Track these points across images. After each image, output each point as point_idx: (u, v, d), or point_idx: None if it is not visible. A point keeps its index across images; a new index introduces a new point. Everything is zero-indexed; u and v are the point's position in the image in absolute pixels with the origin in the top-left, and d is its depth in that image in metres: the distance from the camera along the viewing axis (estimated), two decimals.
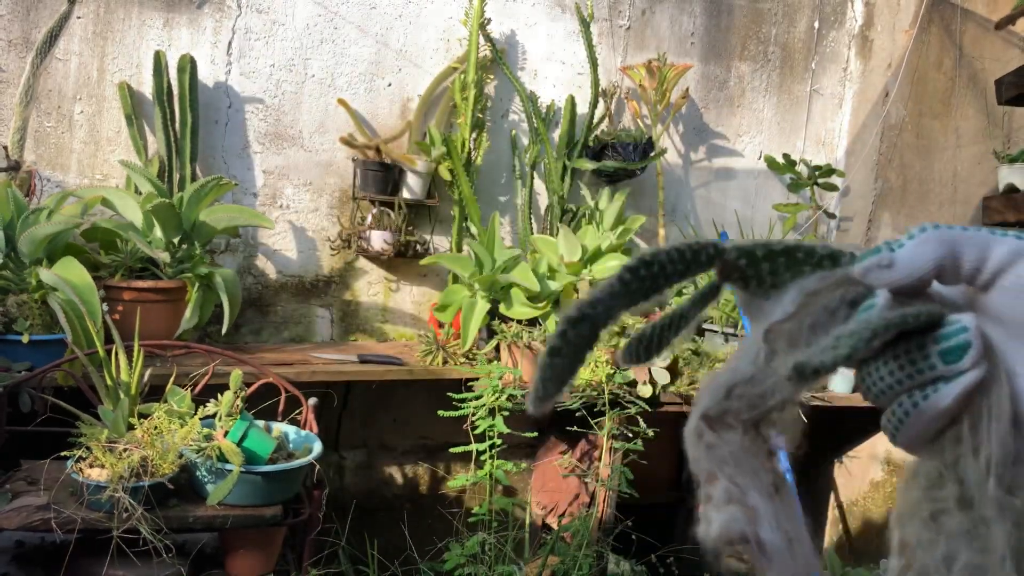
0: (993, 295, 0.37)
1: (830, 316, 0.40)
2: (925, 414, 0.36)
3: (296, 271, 2.75)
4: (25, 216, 2.09)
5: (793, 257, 0.43)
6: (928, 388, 0.36)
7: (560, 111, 2.94)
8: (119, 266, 2.25)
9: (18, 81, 2.42)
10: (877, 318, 0.37)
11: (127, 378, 1.78)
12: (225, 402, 1.80)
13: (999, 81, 1.92)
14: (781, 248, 0.43)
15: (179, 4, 2.57)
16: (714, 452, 0.40)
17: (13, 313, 1.98)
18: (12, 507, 1.62)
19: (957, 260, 0.37)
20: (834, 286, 0.41)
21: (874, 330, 0.36)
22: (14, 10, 2.42)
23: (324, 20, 2.71)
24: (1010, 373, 0.36)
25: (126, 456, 1.62)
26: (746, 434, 0.41)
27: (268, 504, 1.75)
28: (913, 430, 0.37)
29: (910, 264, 0.38)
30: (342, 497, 2.72)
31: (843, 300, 0.40)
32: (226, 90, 2.63)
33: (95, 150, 2.53)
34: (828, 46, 3.37)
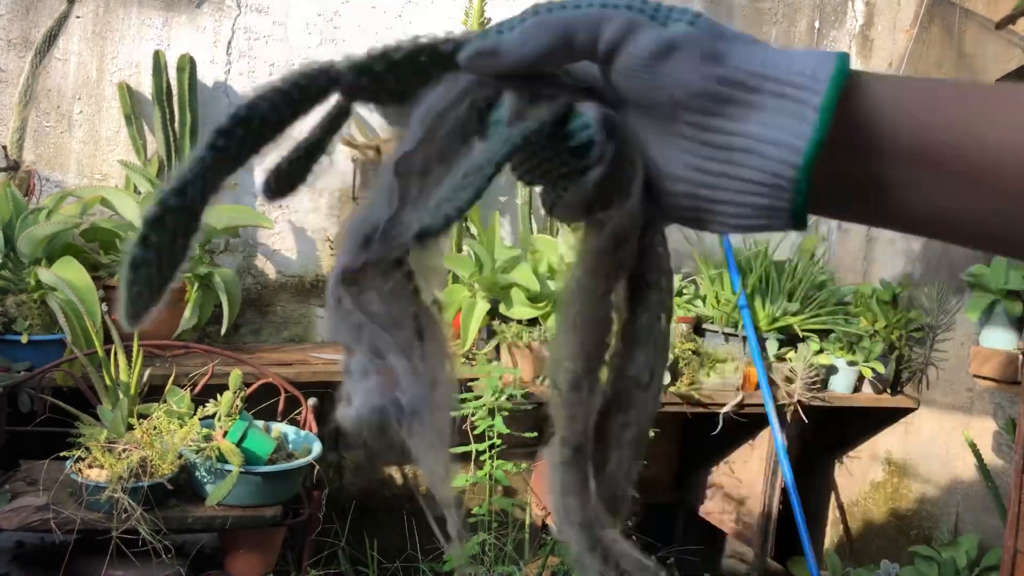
0: (613, 74, 0.36)
1: (460, 138, 0.38)
2: (568, 201, 0.38)
3: (296, 271, 2.75)
4: (24, 216, 2.09)
5: (417, 63, 0.39)
6: (567, 181, 0.38)
7: None
8: (118, 266, 2.24)
9: (17, 81, 2.42)
10: (498, 145, 0.35)
11: (126, 378, 1.77)
12: (224, 402, 1.79)
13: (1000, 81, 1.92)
14: (402, 55, 0.39)
15: (178, 4, 2.56)
16: (351, 318, 0.36)
17: (12, 313, 1.98)
18: (11, 507, 1.62)
19: (570, 41, 0.36)
20: (461, 95, 0.38)
21: (497, 163, 0.35)
22: (13, 9, 2.41)
23: (324, 20, 2.71)
24: (641, 145, 0.37)
25: (125, 456, 1.61)
26: (387, 279, 0.36)
27: (268, 504, 1.74)
28: (563, 212, 0.39)
29: (517, 50, 0.36)
30: (342, 497, 2.71)
31: (472, 110, 0.38)
32: (225, 90, 2.63)
33: (94, 150, 2.53)
34: (829, 46, 3.37)
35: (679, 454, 3.22)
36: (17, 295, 2.02)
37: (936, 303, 2.78)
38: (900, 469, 2.94)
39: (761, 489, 2.77)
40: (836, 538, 3.19)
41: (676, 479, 3.22)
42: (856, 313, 2.87)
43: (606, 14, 0.35)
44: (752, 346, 2.71)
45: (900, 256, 3.05)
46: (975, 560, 2.46)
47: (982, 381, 2.22)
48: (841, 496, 3.20)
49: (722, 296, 2.88)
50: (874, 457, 3.06)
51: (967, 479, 2.65)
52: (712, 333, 2.84)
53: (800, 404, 2.70)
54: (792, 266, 2.98)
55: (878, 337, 2.78)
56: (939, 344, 2.79)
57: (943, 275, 2.80)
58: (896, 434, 2.97)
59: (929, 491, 2.81)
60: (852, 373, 2.80)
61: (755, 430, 2.78)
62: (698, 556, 3.10)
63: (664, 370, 0.44)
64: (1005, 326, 2.27)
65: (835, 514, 3.21)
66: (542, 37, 0.36)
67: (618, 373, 0.41)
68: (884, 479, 3.00)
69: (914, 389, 2.88)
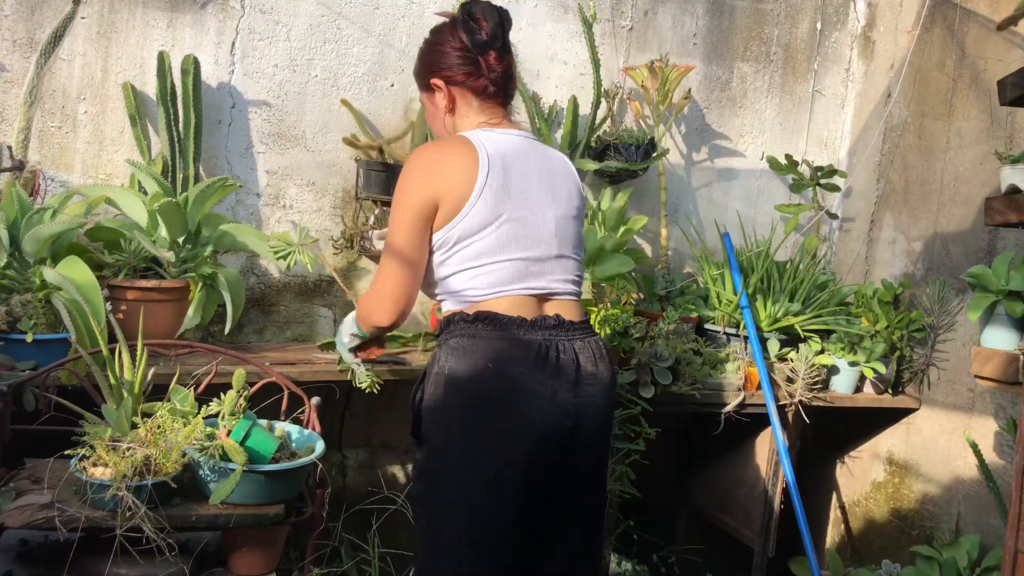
0: None
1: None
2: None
3: (299, 271, 2.76)
4: (29, 216, 2.10)
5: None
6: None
7: (562, 111, 2.94)
8: (123, 265, 2.25)
9: (23, 81, 2.43)
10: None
11: (131, 377, 1.78)
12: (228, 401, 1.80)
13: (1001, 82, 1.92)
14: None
15: (183, 4, 2.58)
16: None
17: (17, 312, 1.99)
18: (16, 505, 1.63)
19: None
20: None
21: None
22: (19, 10, 2.42)
23: (327, 20, 2.72)
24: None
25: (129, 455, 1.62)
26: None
27: (271, 503, 1.75)
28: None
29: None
30: (345, 496, 2.72)
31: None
32: (229, 90, 2.64)
33: (99, 150, 2.54)
34: (830, 47, 3.37)
35: (681, 454, 3.22)
36: (22, 294, 2.03)
37: (937, 303, 2.78)
38: (901, 469, 2.94)
39: (762, 489, 2.77)
40: (837, 538, 3.20)
41: (678, 479, 3.22)
42: (857, 313, 2.87)
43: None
44: (753, 346, 2.72)
45: (901, 256, 3.05)
46: (976, 560, 2.46)
47: (983, 381, 2.22)
48: (842, 496, 3.20)
49: (724, 296, 2.89)
50: (875, 457, 3.07)
51: (968, 479, 2.65)
52: (714, 333, 2.85)
53: (801, 404, 2.71)
54: (794, 266, 2.99)
55: (879, 337, 2.79)
56: (940, 344, 2.79)
57: (944, 275, 2.81)
58: (897, 434, 2.97)
59: (930, 491, 2.81)
60: (853, 373, 2.81)
61: (756, 430, 2.78)
62: (700, 556, 3.11)
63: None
64: (1006, 326, 2.27)
65: (836, 514, 3.21)
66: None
67: None
68: (885, 479, 3.01)
69: (915, 389, 2.88)
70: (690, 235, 3.18)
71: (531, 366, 1.55)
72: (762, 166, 3.30)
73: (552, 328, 1.61)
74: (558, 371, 1.57)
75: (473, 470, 1.54)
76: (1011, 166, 2.16)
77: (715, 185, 3.28)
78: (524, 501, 1.56)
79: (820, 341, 2.81)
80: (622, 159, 2.86)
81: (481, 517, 1.54)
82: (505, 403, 1.53)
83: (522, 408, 1.54)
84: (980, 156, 2.72)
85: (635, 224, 2.86)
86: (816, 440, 3.20)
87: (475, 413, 1.54)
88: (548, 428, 1.56)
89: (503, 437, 1.53)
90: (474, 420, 1.54)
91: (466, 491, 1.54)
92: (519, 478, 1.54)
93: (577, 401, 1.59)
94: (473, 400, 1.54)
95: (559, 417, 1.57)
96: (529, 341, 1.57)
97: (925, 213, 2.95)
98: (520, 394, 1.54)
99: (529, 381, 1.54)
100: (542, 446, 1.56)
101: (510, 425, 1.54)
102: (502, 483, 1.53)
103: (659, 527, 3.12)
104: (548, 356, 1.57)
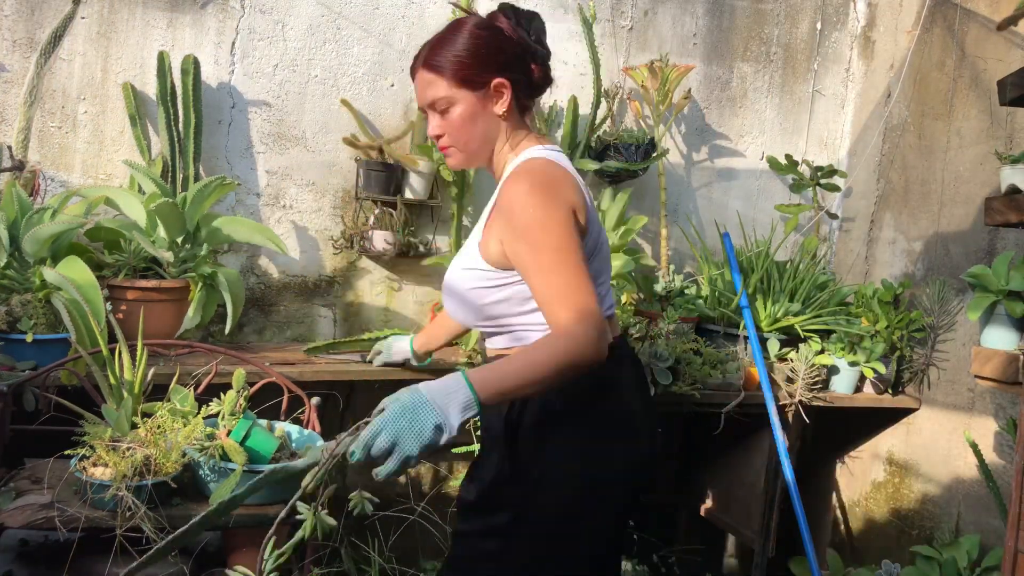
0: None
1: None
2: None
3: (299, 271, 2.76)
4: (29, 216, 2.10)
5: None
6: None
7: (562, 112, 2.94)
8: (123, 265, 2.26)
9: (22, 81, 2.43)
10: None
11: (130, 377, 1.78)
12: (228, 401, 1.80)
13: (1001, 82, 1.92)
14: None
15: (183, 4, 2.58)
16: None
17: (17, 312, 1.99)
18: (16, 505, 1.63)
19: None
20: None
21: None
22: (19, 10, 2.42)
23: (327, 20, 2.72)
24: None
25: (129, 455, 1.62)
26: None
27: (271, 503, 1.75)
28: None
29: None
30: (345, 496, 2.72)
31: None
32: (229, 90, 2.64)
33: (99, 150, 2.54)
34: (830, 47, 3.37)
35: (681, 454, 3.22)
36: (22, 294, 2.03)
37: (937, 303, 2.78)
38: (901, 469, 2.94)
39: (762, 489, 2.77)
40: (837, 538, 3.20)
41: (678, 479, 3.22)
42: (857, 313, 2.87)
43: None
44: (753, 346, 2.72)
45: (901, 257, 3.05)
46: (976, 560, 2.46)
47: (983, 381, 2.22)
48: (842, 496, 3.20)
49: (724, 296, 2.89)
50: (875, 457, 3.07)
51: (968, 479, 2.65)
52: (714, 333, 2.85)
53: (801, 404, 2.71)
54: (794, 266, 2.99)
55: (879, 337, 2.79)
56: (940, 344, 2.79)
57: (944, 275, 2.81)
58: (897, 434, 2.97)
59: (930, 491, 2.81)
60: (853, 373, 2.81)
61: (756, 430, 2.78)
62: (700, 556, 3.11)
63: None
64: (1006, 326, 2.27)
65: (836, 514, 3.21)
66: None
67: None
68: (885, 479, 3.01)
69: (915, 389, 2.88)
70: (690, 235, 3.18)
71: (642, 393, 1.52)
72: (762, 166, 3.30)
73: (631, 349, 1.59)
74: (649, 392, 1.57)
75: (587, 508, 1.44)
76: (1011, 166, 2.16)
77: (715, 185, 3.28)
78: (617, 542, 1.52)
79: (820, 341, 2.81)
80: (622, 159, 2.86)
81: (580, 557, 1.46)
82: (634, 436, 1.48)
83: (640, 441, 1.49)
84: (980, 156, 2.72)
85: (635, 224, 2.86)
86: (816, 440, 3.20)
87: (602, 448, 1.45)
88: (651, 459, 1.52)
89: (624, 474, 1.47)
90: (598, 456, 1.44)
91: (570, 534, 1.44)
92: (621, 516, 1.51)
93: (656, 426, 1.57)
94: (608, 435, 1.44)
95: (657, 439, 1.54)
96: (639, 365, 1.53)
97: (925, 213, 2.95)
98: (642, 424, 1.49)
99: (647, 410, 1.51)
100: (644, 480, 1.53)
101: (631, 462, 1.48)
102: (608, 524, 1.47)
103: (659, 527, 3.12)
104: (646, 382, 1.56)
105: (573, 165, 1.56)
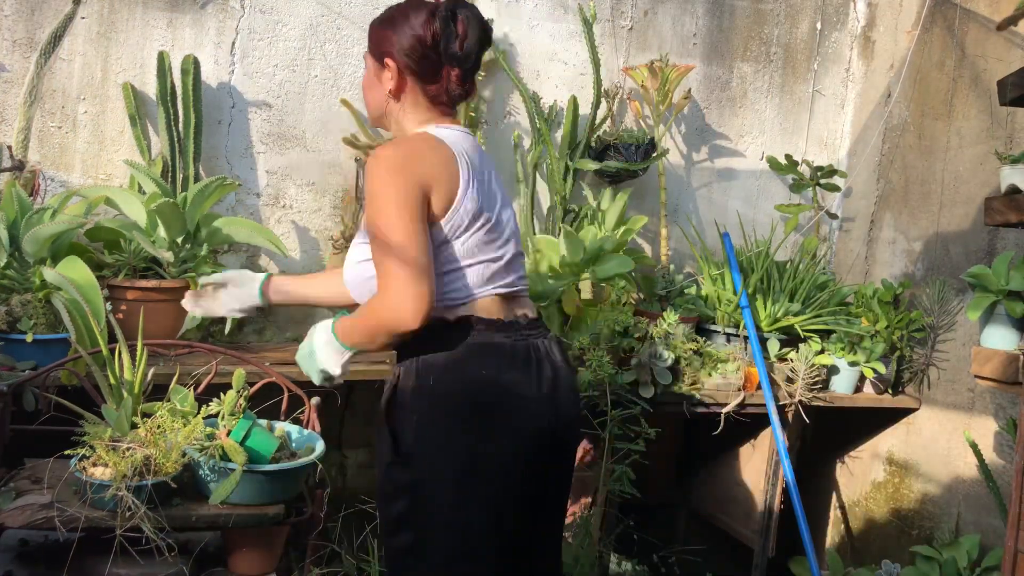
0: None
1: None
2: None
3: (299, 271, 2.76)
4: (29, 216, 2.10)
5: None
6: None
7: (562, 112, 2.94)
8: (123, 265, 2.25)
9: (22, 81, 2.43)
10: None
11: (130, 377, 1.78)
12: (228, 401, 1.80)
13: (1001, 82, 1.92)
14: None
15: (183, 5, 2.58)
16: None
17: (17, 312, 1.99)
18: (16, 505, 1.63)
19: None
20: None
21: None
22: (19, 10, 2.42)
23: (327, 20, 2.72)
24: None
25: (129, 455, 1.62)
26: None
27: (271, 503, 1.75)
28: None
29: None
30: (344, 497, 2.72)
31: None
32: (229, 90, 2.64)
33: (99, 150, 2.54)
34: (830, 47, 3.37)
35: (681, 454, 3.22)
36: (22, 294, 2.03)
37: (937, 303, 2.78)
38: (901, 469, 2.94)
39: (762, 489, 2.77)
40: (837, 538, 3.20)
41: (678, 479, 3.22)
42: (857, 313, 2.87)
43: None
44: (753, 346, 2.72)
45: (901, 256, 3.05)
46: (976, 560, 2.46)
47: (983, 381, 2.22)
48: (842, 496, 3.20)
49: (724, 296, 2.89)
50: (875, 457, 3.07)
51: (968, 479, 2.66)
52: (714, 333, 2.85)
53: (801, 404, 2.71)
54: (794, 266, 2.99)
55: (879, 337, 2.79)
56: (940, 344, 2.79)
57: (944, 275, 2.81)
58: (897, 434, 2.97)
59: (930, 491, 2.81)
60: (853, 373, 2.81)
61: (756, 430, 2.78)
62: (700, 556, 3.11)
63: None
64: (1006, 326, 2.27)
65: (836, 514, 3.21)
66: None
67: None
68: (885, 479, 3.01)
69: (915, 389, 2.88)
70: (690, 235, 3.18)
71: (520, 369, 1.52)
72: (762, 166, 3.30)
73: (526, 328, 1.58)
74: (540, 372, 1.55)
75: (470, 483, 1.49)
76: (1011, 166, 2.16)
77: (715, 185, 3.28)
78: (517, 510, 1.54)
79: (820, 341, 2.81)
80: (622, 159, 2.86)
81: (477, 529, 1.50)
82: (499, 411, 1.50)
83: (516, 414, 1.51)
84: (980, 156, 2.72)
85: (635, 224, 2.86)
86: (816, 440, 3.20)
87: (468, 425, 1.49)
88: (540, 431, 1.54)
89: (500, 447, 1.50)
90: (467, 433, 1.49)
91: (461, 505, 1.49)
92: (515, 485, 1.52)
93: (558, 399, 1.57)
94: (465, 412, 1.49)
95: (548, 419, 1.54)
96: (514, 345, 1.54)
97: (925, 213, 2.95)
98: (513, 400, 1.51)
99: (519, 386, 1.52)
100: (536, 450, 1.54)
101: (506, 434, 1.50)
102: (498, 494, 1.51)
103: (659, 527, 3.11)
104: (530, 357, 1.55)
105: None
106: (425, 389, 1.50)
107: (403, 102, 1.60)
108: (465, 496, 1.49)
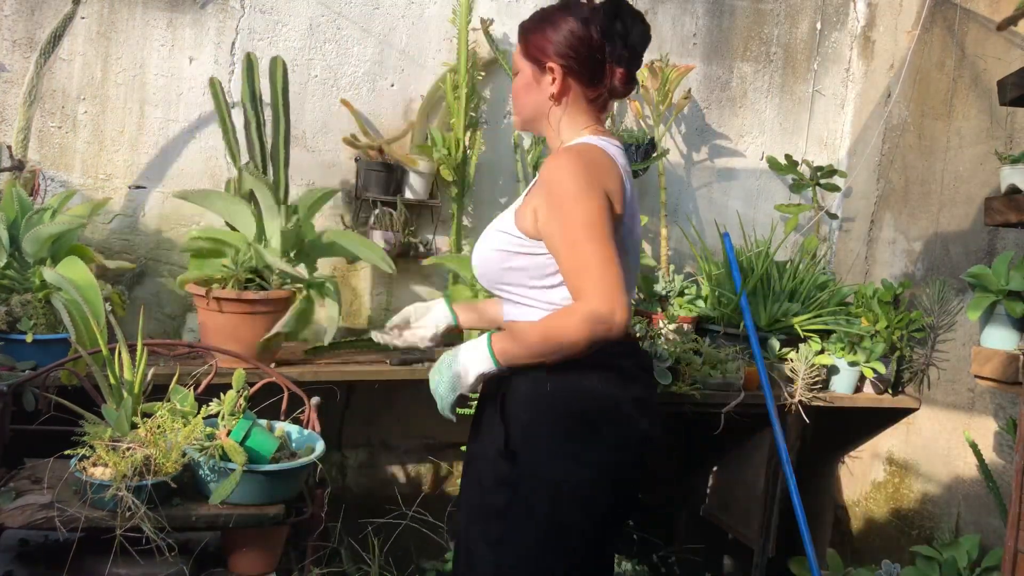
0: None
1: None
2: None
3: None
4: (29, 216, 2.10)
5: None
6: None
7: None
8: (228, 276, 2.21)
9: (22, 81, 2.43)
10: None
11: (130, 377, 1.78)
12: (228, 401, 1.80)
13: (1001, 82, 1.92)
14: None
15: (183, 4, 2.57)
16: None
17: (17, 312, 1.99)
18: (16, 505, 1.63)
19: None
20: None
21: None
22: (19, 10, 2.42)
23: (327, 20, 2.72)
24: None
25: (129, 455, 1.62)
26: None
27: (271, 503, 1.75)
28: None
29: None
30: (344, 496, 2.72)
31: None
32: (229, 91, 2.63)
33: (99, 150, 2.54)
34: (830, 47, 3.37)
35: (681, 454, 3.22)
36: (22, 294, 2.03)
37: (937, 303, 2.78)
38: (901, 469, 2.94)
39: (762, 488, 2.77)
40: (837, 538, 3.20)
41: (678, 478, 3.22)
42: (857, 313, 2.87)
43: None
44: (753, 346, 2.72)
45: (901, 256, 3.05)
46: (976, 560, 2.46)
47: (983, 381, 2.22)
48: (842, 496, 3.20)
49: (724, 296, 2.89)
50: (875, 457, 3.07)
51: (968, 479, 2.65)
52: (714, 333, 2.85)
53: (801, 404, 2.71)
54: (794, 266, 2.99)
55: (879, 337, 2.79)
56: (940, 344, 2.79)
57: (944, 275, 2.81)
58: (897, 434, 2.97)
59: (930, 491, 2.81)
60: (853, 373, 2.81)
61: (756, 430, 2.78)
62: (700, 555, 3.11)
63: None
64: (1006, 326, 2.27)
65: (836, 514, 3.21)
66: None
67: None
68: (885, 479, 3.01)
69: (915, 389, 2.88)
70: (690, 235, 3.18)
71: (630, 386, 1.52)
72: (762, 166, 3.30)
73: (637, 346, 1.62)
74: (648, 389, 1.57)
75: (569, 488, 1.47)
76: (1011, 166, 2.16)
77: (715, 185, 3.28)
78: (608, 518, 1.53)
79: (820, 341, 2.81)
80: None
81: (571, 531, 1.49)
82: (606, 424, 1.48)
83: (622, 428, 1.50)
84: (980, 156, 2.72)
85: None
86: (816, 440, 3.20)
87: (575, 434, 1.47)
88: (642, 444, 1.53)
89: (602, 457, 1.48)
90: (572, 441, 1.47)
91: (556, 508, 1.47)
92: (611, 495, 1.51)
93: (657, 417, 1.58)
94: (573, 421, 1.48)
95: (649, 434, 1.54)
96: (632, 365, 1.53)
97: (925, 213, 2.95)
98: (623, 415, 1.50)
99: (631, 403, 1.51)
100: (632, 465, 1.53)
101: (610, 446, 1.49)
102: (595, 499, 1.49)
103: (659, 527, 3.12)
104: (639, 376, 1.55)
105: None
106: (541, 394, 1.48)
107: (564, 105, 1.58)
108: (562, 501, 1.47)
